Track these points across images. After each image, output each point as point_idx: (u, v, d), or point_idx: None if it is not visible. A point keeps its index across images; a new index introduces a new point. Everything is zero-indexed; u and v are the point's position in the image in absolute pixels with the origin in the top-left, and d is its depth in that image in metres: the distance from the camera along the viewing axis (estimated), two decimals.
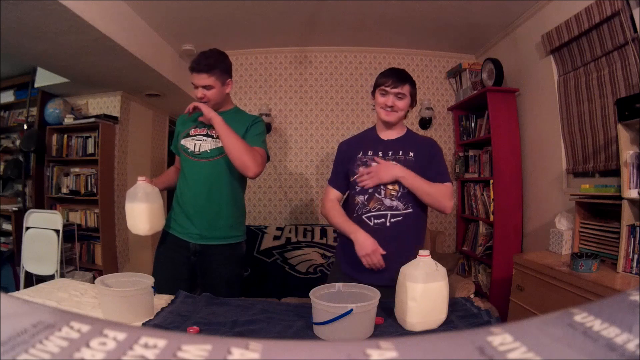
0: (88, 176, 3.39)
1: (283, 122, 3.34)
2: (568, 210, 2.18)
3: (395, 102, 1.38)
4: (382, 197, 1.36)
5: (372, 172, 1.34)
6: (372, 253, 1.29)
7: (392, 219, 1.34)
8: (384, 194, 1.35)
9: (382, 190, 1.36)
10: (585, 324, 0.17)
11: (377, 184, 1.34)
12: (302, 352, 0.15)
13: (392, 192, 1.35)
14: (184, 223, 1.53)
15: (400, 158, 1.38)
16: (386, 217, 1.34)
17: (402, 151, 1.39)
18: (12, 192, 3.61)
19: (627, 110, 1.65)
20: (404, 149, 1.39)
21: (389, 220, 1.34)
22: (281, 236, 2.88)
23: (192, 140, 1.53)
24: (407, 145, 1.40)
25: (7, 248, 3.39)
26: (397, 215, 1.34)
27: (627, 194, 1.65)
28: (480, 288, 2.86)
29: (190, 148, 1.52)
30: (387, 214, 1.34)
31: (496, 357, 0.15)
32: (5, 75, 3.48)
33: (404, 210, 1.34)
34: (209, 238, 1.52)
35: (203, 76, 1.45)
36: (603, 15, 1.90)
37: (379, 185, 1.35)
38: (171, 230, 1.55)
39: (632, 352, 0.14)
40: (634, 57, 1.80)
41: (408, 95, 1.39)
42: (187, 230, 1.53)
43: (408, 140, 1.42)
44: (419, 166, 1.35)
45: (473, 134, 3.07)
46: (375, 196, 1.36)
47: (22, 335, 0.15)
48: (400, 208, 1.34)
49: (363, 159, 1.41)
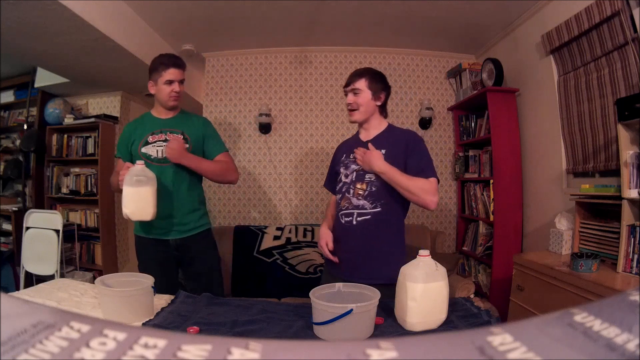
0: (88, 176, 3.39)
1: (283, 122, 3.34)
2: (568, 210, 2.18)
3: (352, 99, 1.38)
4: (351, 196, 1.39)
5: (364, 156, 1.35)
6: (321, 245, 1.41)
7: (359, 218, 1.37)
8: (352, 193, 1.39)
9: (351, 190, 1.40)
10: (585, 324, 0.17)
11: (365, 169, 1.37)
12: (302, 352, 0.15)
13: (360, 191, 1.38)
14: (160, 224, 1.59)
15: None
16: (353, 216, 1.38)
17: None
18: (12, 192, 3.61)
19: (627, 110, 1.65)
20: (378, 148, 1.38)
21: (356, 218, 1.38)
22: (281, 236, 2.87)
23: (153, 147, 1.61)
24: (382, 142, 1.39)
25: (7, 248, 3.39)
26: (364, 214, 1.37)
27: (627, 194, 1.65)
28: (480, 288, 2.85)
29: (152, 154, 1.60)
30: (354, 213, 1.38)
31: (496, 357, 0.15)
32: (5, 75, 3.48)
33: (371, 209, 1.36)
34: (188, 230, 1.63)
35: (181, 71, 1.61)
36: (603, 15, 1.90)
37: (350, 185, 1.40)
38: (150, 235, 1.62)
39: (632, 352, 0.14)
40: (634, 57, 1.80)
41: (366, 90, 1.37)
42: (164, 230, 1.61)
43: (385, 138, 1.41)
44: (393, 162, 1.33)
45: (473, 134, 3.07)
46: (346, 195, 1.41)
47: (22, 335, 0.15)
48: (367, 207, 1.36)
49: (345, 162, 1.46)
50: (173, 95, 1.60)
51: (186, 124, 1.67)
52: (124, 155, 1.66)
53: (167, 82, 1.58)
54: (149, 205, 1.40)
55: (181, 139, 1.59)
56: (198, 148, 1.68)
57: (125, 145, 1.65)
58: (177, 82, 1.60)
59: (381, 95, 1.41)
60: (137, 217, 1.40)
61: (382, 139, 1.41)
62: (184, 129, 1.65)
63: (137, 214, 1.39)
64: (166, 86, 1.59)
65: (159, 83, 1.59)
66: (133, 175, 1.36)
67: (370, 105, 1.39)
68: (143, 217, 1.41)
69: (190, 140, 1.64)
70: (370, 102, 1.39)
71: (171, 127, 1.64)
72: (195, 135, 1.66)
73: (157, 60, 1.62)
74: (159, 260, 1.63)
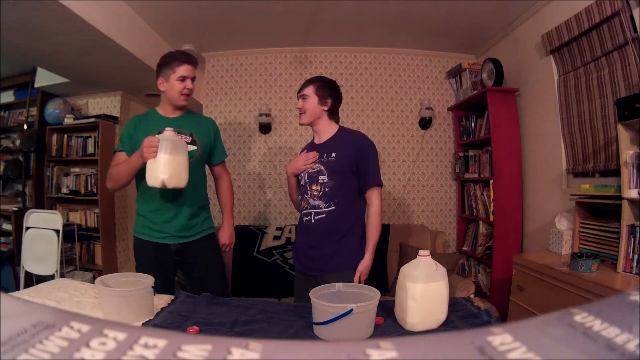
0: (88, 176, 3.39)
1: (283, 122, 3.34)
2: (568, 210, 2.18)
3: (301, 104, 1.53)
4: (309, 197, 1.51)
5: (363, 272, 1.46)
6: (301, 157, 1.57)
7: (316, 217, 1.49)
8: (309, 194, 1.51)
9: (308, 191, 1.51)
10: (585, 324, 0.17)
11: (366, 274, 1.48)
12: (302, 352, 0.15)
13: (315, 192, 1.49)
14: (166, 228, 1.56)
15: (324, 160, 1.50)
16: (311, 215, 1.50)
17: (326, 153, 1.51)
18: (12, 192, 3.61)
19: (627, 110, 1.65)
20: (328, 151, 1.50)
21: (314, 217, 1.48)
22: (281, 236, 2.88)
23: None
24: (332, 146, 1.51)
25: (7, 248, 3.39)
26: (320, 213, 1.48)
27: (627, 194, 1.65)
28: (480, 288, 2.85)
29: None
30: (312, 212, 1.50)
31: (496, 357, 0.15)
32: (5, 75, 3.48)
33: (325, 208, 1.47)
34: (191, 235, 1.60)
35: (194, 68, 1.57)
36: (603, 15, 1.90)
37: (306, 186, 1.52)
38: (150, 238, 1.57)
39: (632, 352, 0.14)
40: (634, 57, 1.80)
41: (313, 95, 1.50)
42: (167, 234, 1.56)
43: (335, 141, 1.53)
44: (341, 165, 1.46)
45: (473, 134, 3.07)
46: (304, 196, 1.53)
47: (22, 335, 0.15)
48: (322, 206, 1.48)
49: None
50: (185, 92, 1.54)
51: (195, 125, 1.62)
52: (128, 150, 1.57)
53: (180, 78, 1.52)
54: (184, 171, 1.37)
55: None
56: (205, 151, 1.64)
57: (129, 139, 1.57)
58: (190, 79, 1.55)
59: (327, 100, 1.52)
60: (174, 184, 1.35)
61: (332, 143, 1.53)
62: (193, 130, 1.60)
63: (174, 180, 1.35)
64: (179, 83, 1.52)
65: (171, 79, 1.52)
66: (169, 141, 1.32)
67: (316, 110, 1.51)
68: (179, 183, 1.36)
69: (199, 143, 1.59)
70: (316, 107, 1.51)
71: (180, 127, 1.57)
72: (204, 138, 1.62)
73: (169, 55, 1.55)
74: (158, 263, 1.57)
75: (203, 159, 1.66)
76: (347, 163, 1.46)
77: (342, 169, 1.46)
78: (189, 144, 1.56)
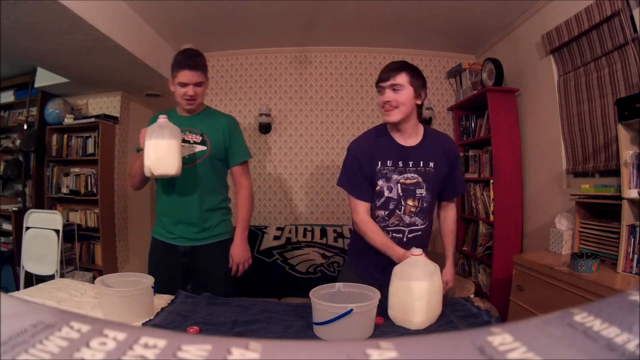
0: (88, 176, 3.39)
1: (283, 122, 3.34)
2: (568, 210, 2.18)
3: (391, 96, 1.21)
4: (402, 213, 1.30)
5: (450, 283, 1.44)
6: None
7: (410, 235, 1.33)
8: (403, 211, 1.30)
9: (402, 207, 1.29)
10: (585, 324, 0.17)
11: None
12: (302, 352, 0.15)
13: (412, 208, 1.30)
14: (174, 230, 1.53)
15: (421, 170, 1.28)
16: (404, 233, 1.32)
17: (422, 161, 1.28)
18: (12, 192, 3.61)
19: (627, 110, 1.65)
20: (425, 158, 1.27)
21: (406, 235, 1.32)
22: (281, 236, 2.87)
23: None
24: (428, 152, 1.28)
25: (7, 248, 3.39)
26: (415, 230, 1.33)
27: (627, 194, 1.65)
28: (480, 288, 2.85)
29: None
30: (405, 230, 1.32)
31: (496, 357, 0.15)
32: (5, 75, 3.48)
33: (422, 225, 1.33)
34: (202, 239, 1.54)
35: (197, 73, 1.46)
36: (603, 15, 1.90)
37: (398, 201, 1.29)
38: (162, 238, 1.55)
39: (632, 352, 0.14)
40: (634, 57, 1.80)
41: (407, 86, 1.21)
42: (176, 235, 1.53)
43: (428, 145, 1.29)
44: (439, 177, 1.30)
45: (473, 134, 3.07)
46: (395, 212, 1.30)
47: (22, 335, 0.15)
48: (419, 223, 1.32)
49: (383, 171, 1.29)
50: (186, 98, 1.47)
51: (207, 124, 1.54)
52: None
53: (180, 84, 1.46)
54: (173, 157, 1.28)
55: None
56: (218, 151, 1.54)
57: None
58: (192, 86, 1.45)
59: (422, 93, 1.25)
60: (160, 171, 1.28)
61: (425, 149, 1.28)
62: (204, 130, 1.53)
63: (160, 166, 1.28)
64: (179, 88, 1.46)
65: (175, 83, 1.47)
66: (155, 127, 1.29)
67: (410, 105, 1.23)
68: (166, 170, 1.29)
69: (209, 142, 1.53)
70: (411, 101, 1.22)
71: (191, 126, 1.52)
72: (216, 137, 1.54)
73: (175, 57, 1.50)
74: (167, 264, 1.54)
75: (217, 159, 1.55)
76: (443, 175, 1.28)
77: (439, 182, 1.28)
78: (198, 144, 1.51)
